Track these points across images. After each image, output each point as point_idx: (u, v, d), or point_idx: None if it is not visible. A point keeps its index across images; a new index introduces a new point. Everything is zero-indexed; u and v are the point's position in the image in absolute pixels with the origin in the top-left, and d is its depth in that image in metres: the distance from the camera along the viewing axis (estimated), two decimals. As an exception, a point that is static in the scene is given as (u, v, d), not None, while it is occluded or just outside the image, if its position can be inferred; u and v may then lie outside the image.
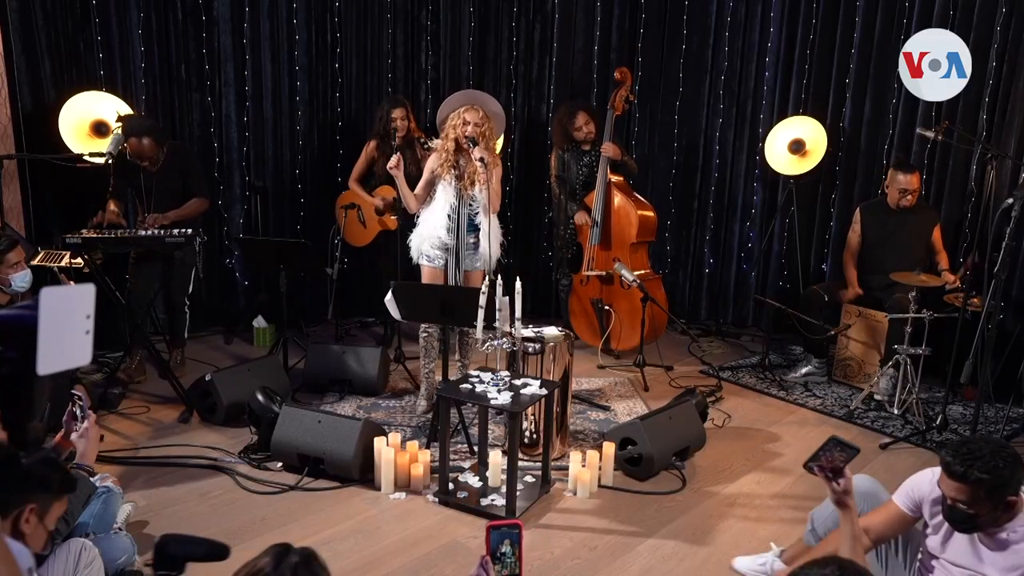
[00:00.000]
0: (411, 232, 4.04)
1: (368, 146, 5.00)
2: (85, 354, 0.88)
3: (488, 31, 5.91)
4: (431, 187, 3.94)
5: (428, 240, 3.93)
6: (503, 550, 1.71)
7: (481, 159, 3.73)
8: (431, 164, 3.94)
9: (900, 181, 4.40)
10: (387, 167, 3.92)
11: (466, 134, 3.79)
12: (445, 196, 3.90)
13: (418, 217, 4.01)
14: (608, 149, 4.88)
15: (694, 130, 5.86)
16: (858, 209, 4.72)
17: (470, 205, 3.90)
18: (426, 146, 4.46)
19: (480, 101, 3.90)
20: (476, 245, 3.94)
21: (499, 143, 4.20)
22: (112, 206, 4.21)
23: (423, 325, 4.03)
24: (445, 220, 3.89)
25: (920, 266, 4.28)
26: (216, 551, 1.87)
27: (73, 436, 2.46)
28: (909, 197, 4.41)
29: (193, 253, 4.52)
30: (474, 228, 3.93)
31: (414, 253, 4.00)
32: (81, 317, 0.88)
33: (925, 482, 2.22)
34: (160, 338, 4.76)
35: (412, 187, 4.01)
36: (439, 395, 3.38)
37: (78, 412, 2.48)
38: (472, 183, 3.86)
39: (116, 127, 4.17)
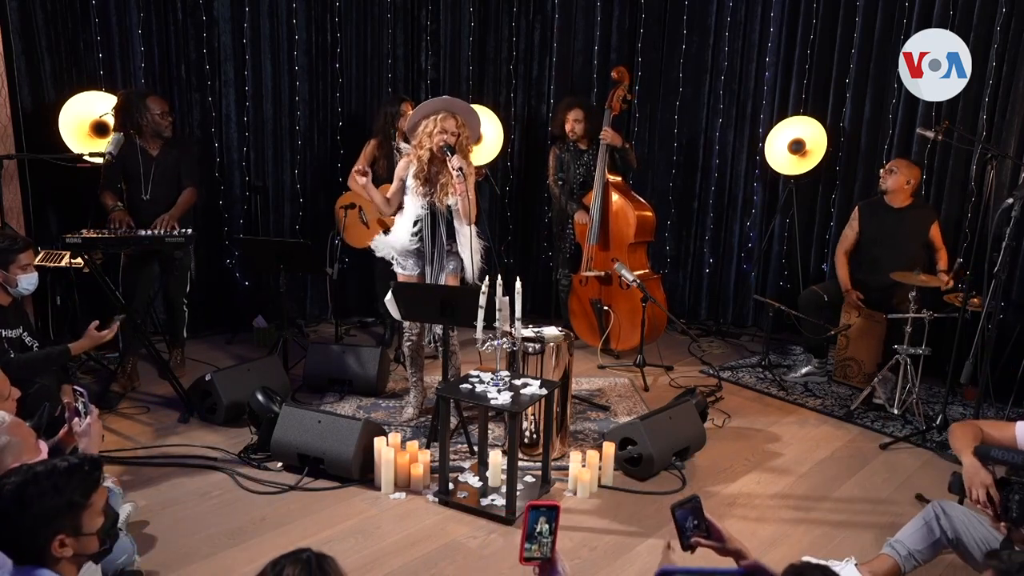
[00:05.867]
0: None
1: (368, 145, 4.99)
2: None
3: (488, 31, 5.91)
4: (403, 193, 3.85)
5: (395, 251, 3.88)
6: (539, 528, 1.70)
7: (460, 169, 3.61)
8: (400, 171, 3.85)
9: (885, 170, 4.51)
10: (357, 181, 3.91)
11: (443, 143, 3.64)
12: (412, 207, 3.81)
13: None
14: (607, 135, 4.89)
15: (694, 130, 5.86)
16: (857, 207, 4.72)
17: (446, 214, 3.80)
18: (396, 150, 4.44)
19: (457, 109, 3.74)
20: (455, 253, 3.86)
21: (473, 149, 4.06)
22: (108, 200, 4.20)
23: (407, 332, 4.01)
24: (409, 233, 3.82)
25: (919, 265, 4.28)
26: None
27: (76, 431, 2.47)
28: (889, 182, 4.46)
29: (189, 252, 4.52)
30: (452, 237, 3.84)
31: (381, 254, 3.96)
32: None
33: None
34: (160, 338, 4.76)
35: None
36: (439, 395, 3.38)
37: (81, 408, 2.49)
38: (446, 194, 3.73)
39: (110, 118, 4.18)
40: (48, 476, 1.77)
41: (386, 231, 5.04)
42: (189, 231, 4.05)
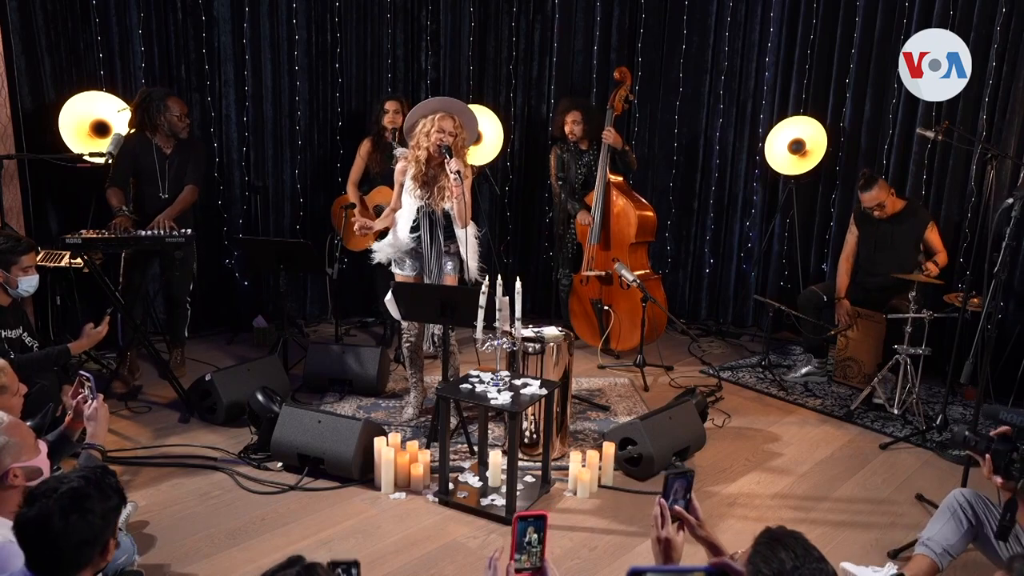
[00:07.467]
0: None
1: (362, 146, 4.99)
2: None
3: (488, 31, 5.91)
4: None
5: (394, 251, 3.86)
6: (528, 539, 1.70)
7: (457, 172, 3.56)
8: (398, 175, 3.82)
9: (864, 200, 4.43)
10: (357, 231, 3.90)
11: (440, 143, 3.61)
12: (409, 207, 3.79)
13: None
14: (609, 136, 4.89)
15: (694, 130, 5.86)
16: (853, 212, 4.72)
17: (443, 217, 3.78)
18: (392, 154, 4.41)
19: (455, 109, 3.72)
20: (455, 253, 3.84)
21: (470, 151, 4.01)
22: (113, 200, 4.19)
23: (405, 333, 4.00)
24: (408, 233, 3.80)
25: (917, 267, 4.29)
26: None
27: (85, 414, 2.48)
28: (878, 212, 4.41)
29: (193, 251, 4.52)
30: (450, 237, 3.82)
31: (380, 259, 3.92)
32: None
33: None
34: (160, 338, 4.76)
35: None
36: (439, 395, 3.38)
37: (87, 393, 2.49)
38: (443, 199, 3.71)
39: (123, 114, 4.17)
40: (98, 481, 1.79)
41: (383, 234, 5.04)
42: (189, 231, 4.05)
